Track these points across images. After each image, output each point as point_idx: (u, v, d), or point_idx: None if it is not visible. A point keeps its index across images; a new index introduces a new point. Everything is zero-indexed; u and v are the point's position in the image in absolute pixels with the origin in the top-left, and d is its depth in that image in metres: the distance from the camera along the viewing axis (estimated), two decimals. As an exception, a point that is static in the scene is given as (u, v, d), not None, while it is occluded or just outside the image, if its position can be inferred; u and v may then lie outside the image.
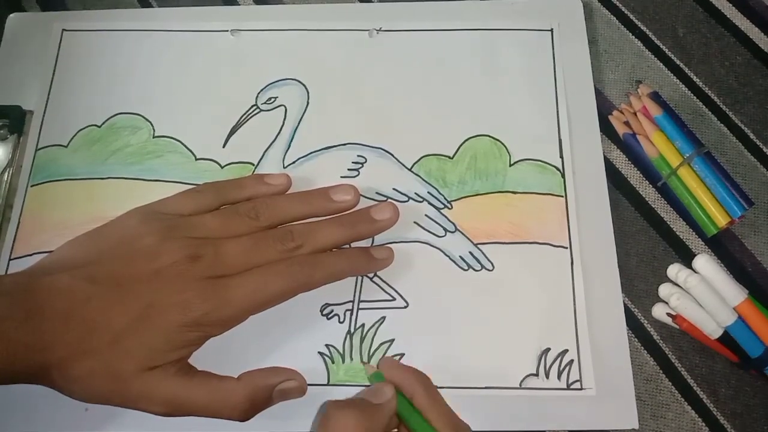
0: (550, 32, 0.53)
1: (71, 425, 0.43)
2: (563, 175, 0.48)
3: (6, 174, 0.49)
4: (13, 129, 0.51)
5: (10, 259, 0.47)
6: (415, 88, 0.51)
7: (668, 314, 0.44)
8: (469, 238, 0.46)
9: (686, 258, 0.46)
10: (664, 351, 0.45)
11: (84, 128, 0.51)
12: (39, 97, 0.52)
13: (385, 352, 0.44)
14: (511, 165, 0.48)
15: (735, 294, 0.42)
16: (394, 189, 0.48)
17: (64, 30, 0.54)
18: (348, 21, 0.54)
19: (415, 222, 0.47)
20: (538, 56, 0.52)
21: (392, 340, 0.44)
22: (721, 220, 0.45)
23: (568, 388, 0.42)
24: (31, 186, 0.49)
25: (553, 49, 0.52)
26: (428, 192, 0.48)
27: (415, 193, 0.48)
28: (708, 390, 0.44)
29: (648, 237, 0.48)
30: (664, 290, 0.44)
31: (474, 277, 0.45)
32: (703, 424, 0.43)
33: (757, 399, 0.43)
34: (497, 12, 0.54)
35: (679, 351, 0.45)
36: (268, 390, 0.39)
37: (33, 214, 0.48)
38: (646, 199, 0.49)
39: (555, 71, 0.51)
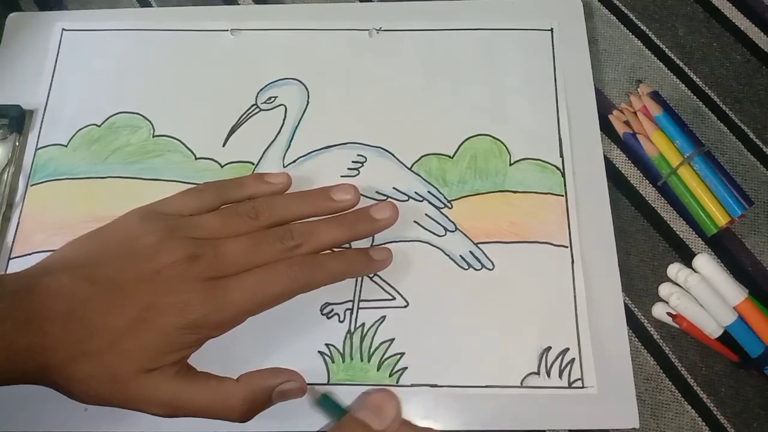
0: (550, 32, 0.53)
1: (71, 425, 0.43)
2: (563, 175, 0.48)
3: (6, 173, 0.49)
4: (13, 128, 0.51)
5: (9, 258, 0.47)
6: (415, 87, 0.51)
7: (668, 314, 0.44)
8: (469, 238, 0.46)
9: (686, 257, 0.46)
10: (664, 350, 0.45)
11: (84, 127, 0.51)
12: (39, 96, 0.52)
13: (385, 352, 0.44)
14: (511, 164, 0.48)
15: (735, 293, 0.42)
16: (394, 188, 0.48)
17: (64, 29, 0.54)
18: (348, 20, 0.54)
19: (415, 221, 0.47)
20: (538, 56, 0.52)
21: (392, 340, 0.44)
22: (721, 220, 0.45)
23: (570, 386, 0.42)
24: (31, 185, 0.49)
25: (553, 48, 0.52)
26: (428, 191, 0.48)
27: (416, 193, 0.48)
28: (708, 389, 0.44)
29: (648, 236, 0.48)
30: (664, 290, 0.44)
31: (474, 277, 0.45)
32: (703, 423, 0.43)
33: (757, 399, 0.43)
34: (497, 11, 0.54)
35: (679, 350, 0.45)
36: (267, 391, 0.39)
37: (33, 214, 0.48)
38: (647, 198, 0.49)
39: (555, 71, 0.51)
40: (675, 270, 0.44)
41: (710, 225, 0.46)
